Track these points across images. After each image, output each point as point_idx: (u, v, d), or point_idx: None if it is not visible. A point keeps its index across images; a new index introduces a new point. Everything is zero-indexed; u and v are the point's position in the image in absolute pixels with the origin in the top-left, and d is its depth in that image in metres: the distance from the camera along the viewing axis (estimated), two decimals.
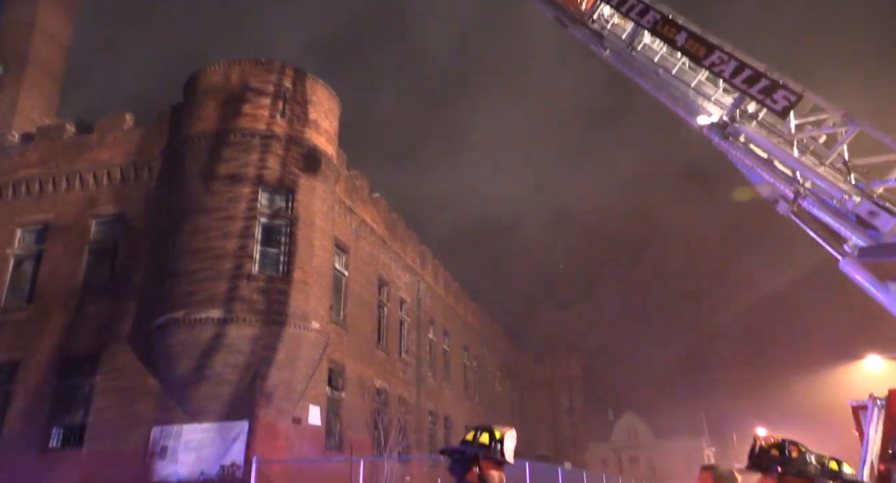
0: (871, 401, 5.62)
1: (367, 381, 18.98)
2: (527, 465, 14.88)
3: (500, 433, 3.28)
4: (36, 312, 15.57)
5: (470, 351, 31.16)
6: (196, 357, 13.31)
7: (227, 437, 13.16)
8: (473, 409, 30.12)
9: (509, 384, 37.93)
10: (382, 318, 21.37)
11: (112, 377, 14.30)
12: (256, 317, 13.64)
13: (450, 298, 29.23)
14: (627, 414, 65.70)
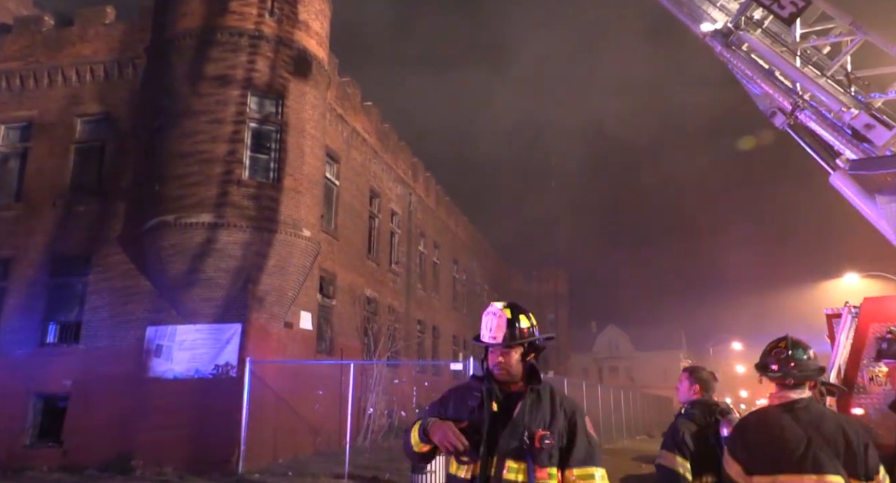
0: (847, 309, 5.81)
1: (357, 289, 19.35)
2: None
3: None
4: (25, 211, 15.53)
5: (459, 264, 31.65)
6: (188, 261, 13.44)
7: (221, 338, 13.54)
8: (461, 321, 30.99)
9: (497, 297, 38.79)
10: (373, 229, 21.50)
11: (105, 277, 14.52)
12: (247, 223, 13.66)
13: (441, 212, 29.33)
14: (610, 327, 67.94)
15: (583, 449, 2.44)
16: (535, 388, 2.51)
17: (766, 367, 2.97)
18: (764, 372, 2.98)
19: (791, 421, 2.79)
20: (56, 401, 14.07)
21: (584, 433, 2.48)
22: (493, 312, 2.58)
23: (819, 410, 2.85)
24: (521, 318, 2.57)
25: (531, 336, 2.53)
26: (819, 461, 2.68)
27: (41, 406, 14.23)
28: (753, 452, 2.79)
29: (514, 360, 2.51)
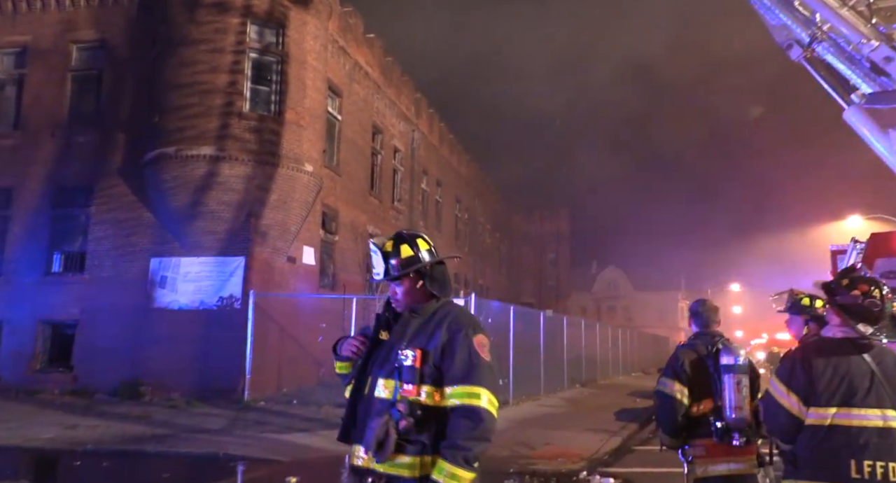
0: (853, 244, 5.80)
1: (359, 226, 19.37)
2: (511, 309, 15.72)
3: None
4: (24, 140, 15.43)
5: (462, 203, 31.56)
6: (190, 193, 13.40)
7: (225, 271, 13.67)
8: (463, 259, 31.19)
9: (498, 236, 38.95)
10: (376, 165, 21.31)
11: (107, 208, 14.56)
12: (249, 156, 13.54)
13: (444, 149, 29.00)
14: (610, 267, 68.53)
15: (461, 366, 2.34)
16: (416, 310, 2.48)
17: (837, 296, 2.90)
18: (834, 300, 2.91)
19: (857, 355, 2.79)
20: (64, 328, 14.42)
21: (466, 350, 2.36)
22: (371, 250, 2.58)
23: (879, 346, 2.85)
24: (403, 248, 2.52)
25: (413, 264, 2.48)
26: (881, 396, 2.72)
27: (50, 333, 14.59)
28: (817, 383, 2.78)
29: (403, 290, 2.52)
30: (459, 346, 2.37)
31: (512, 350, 14.85)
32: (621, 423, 12.20)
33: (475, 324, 2.45)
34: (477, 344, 2.38)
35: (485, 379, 2.34)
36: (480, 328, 2.44)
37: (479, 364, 2.36)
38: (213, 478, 7.46)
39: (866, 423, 2.69)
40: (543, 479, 7.40)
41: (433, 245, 2.60)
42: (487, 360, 2.37)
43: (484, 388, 2.33)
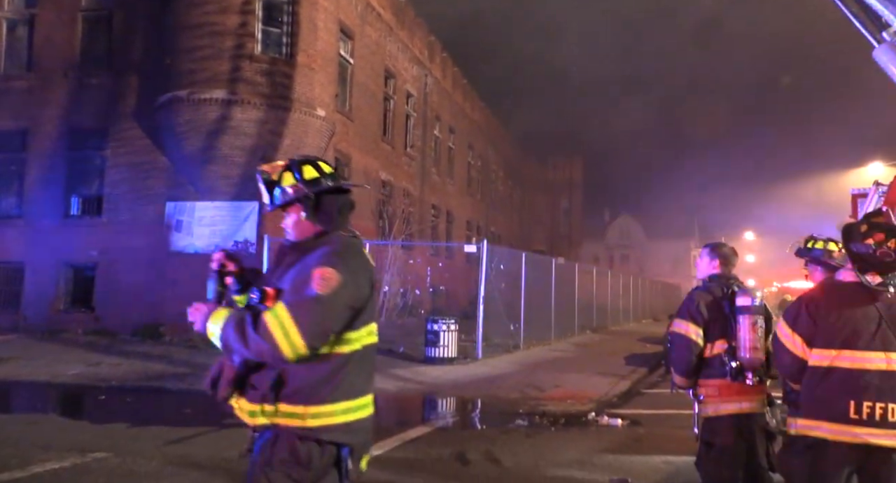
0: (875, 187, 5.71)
1: (372, 172, 19.29)
2: (523, 256, 15.78)
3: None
4: (37, 81, 15.40)
5: (475, 150, 31.25)
6: (203, 138, 13.38)
7: (239, 215, 13.77)
8: (475, 206, 31.13)
9: (511, 184, 38.72)
10: (388, 111, 21.04)
11: (122, 152, 14.64)
12: (261, 100, 13.43)
13: (457, 95, 28.51)
14: (623, 216, 68.20)
15: (288, 290, 2.11)
16: (297, 245, 2.27)
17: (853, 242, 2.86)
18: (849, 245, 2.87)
19: (867, 299, 2.80)
20: (84, 270, 14.76)
21: (302, 278, 2.09)
22: (257, 178, 2.33)
23: (893, 292, 2.83)
24: (285, 176, 2.27)
25: (298, 193, 2.23)
26: (887, 339, 2.73)
27: (71, 275, 14.94)
28: (822, 325, 2.80)
29: (290, 222, 2.30)
30: (299, 273, 2.12)
31: (524, 296, 14.98)
32: (631, 367, 12.40)
33: (336, 259, 2.12)
34: (317, 274, 2.07)
35: (294, 304, 2.04)
36: (337, 262, 2.11)
37: (303, 290, 2.06)
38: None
39: (868, 365, 2.72)
40: (553, 420, 7.59)
41: (332, 173, 2.31)
42: (318, 293, 2.04)
43: (288, 311, 2.02)
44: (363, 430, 2.20)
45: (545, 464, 5.57)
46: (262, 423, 2.14)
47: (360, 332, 2.18)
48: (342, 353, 2.13)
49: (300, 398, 2.10)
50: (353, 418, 2.15)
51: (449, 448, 6.02)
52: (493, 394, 9.15)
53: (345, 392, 2.13)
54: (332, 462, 2.15)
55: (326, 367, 2.11)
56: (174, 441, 6.03)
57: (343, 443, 2.15)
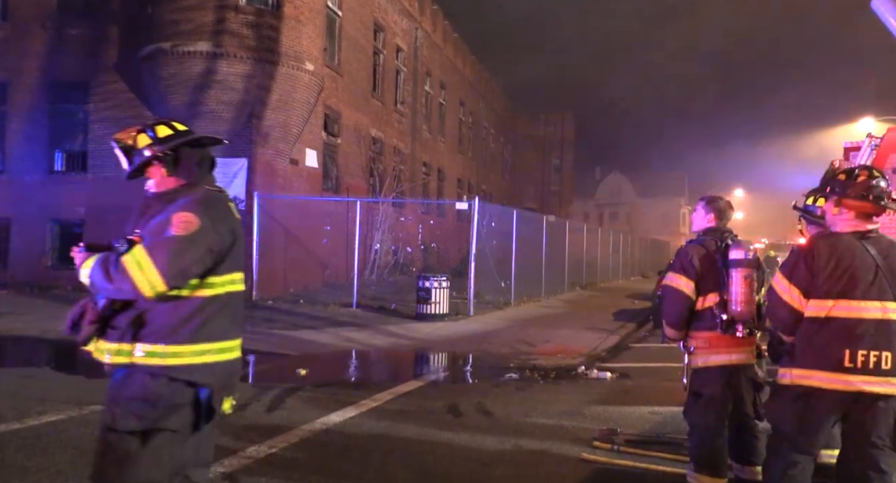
0: (868, 140, 5.69)
1: (362, 129, 19.03)
2: (514, 213, 15.78)
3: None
4: (13, 32, 14.92)
5: (466, 106, 30.84)
6: (188, 92, 13.08)
7: (228, 172, 13.57)
8: (466, 164, 30.93)
9: (502, 141, 38.41)
10: (378, 65, 20.62)
11: (105, 106, 14.31)
12: (247, 53, 13.09)
13: (448, 50, 27.95)
14: (613, 173, 68.05)
15: (147, 233, 2.23)
16: (162, 196, 2.35)
17: (847, 192, 2.89)
18: (842, 196, 2.89)
19: (863, 249, 2.83)
20: (71, 227, 14.62)
21: (161, 221, 2.20)
22: (113, 146, 2.45)
23: (888, 240, 2.89)
24: (140, 138, 2.38)
25: (155, 151, 2.34)
26: (883, 288, 2.78)
27: (58, 231, 14.82)
28: (819, 276, 2.83)
29: (154, 183, 2.40)
30: (160, 219, 2.21)
31: (515, 253, 15.05)
32: (619, 322, 12.58)
33: (196, 206, 2.22)
34: (176, 218, 2.17)
35: (152, 245, 2.14)
36: (196, 209, 2.20)
37: (162, 233, 2.16)
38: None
39: (864, 314, 2.76)
40: (543, 374, 7.72)
41: (186, 130, 2.43)
42: (175, 234, 2.14)
43: (139, 250, 2.14)
44: (225, 373, 2.27)
45: (536, 415, 5.68)
46: (122, 362, 2.21)
47: (223, 279, 2.27)
48: (203, 296, 2.22)
49: (158, 337, 2.17)
50: (213, 360, 2.22)
51: (441, 401, 6.12)
52: (484, 349, 9.28)
53: (206, 334, 2.21)
54: (188, 401, 2.21)
55: (186, 309, 2.19)
56: None
57: (202, 383, 2.20)
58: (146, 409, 2.16)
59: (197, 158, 2.42)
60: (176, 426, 2.19)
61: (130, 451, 2.15)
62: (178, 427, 2.20)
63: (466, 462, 4.41)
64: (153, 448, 2.17)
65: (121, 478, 2.15)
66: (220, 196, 2.39)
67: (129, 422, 2.15)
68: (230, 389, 2.32)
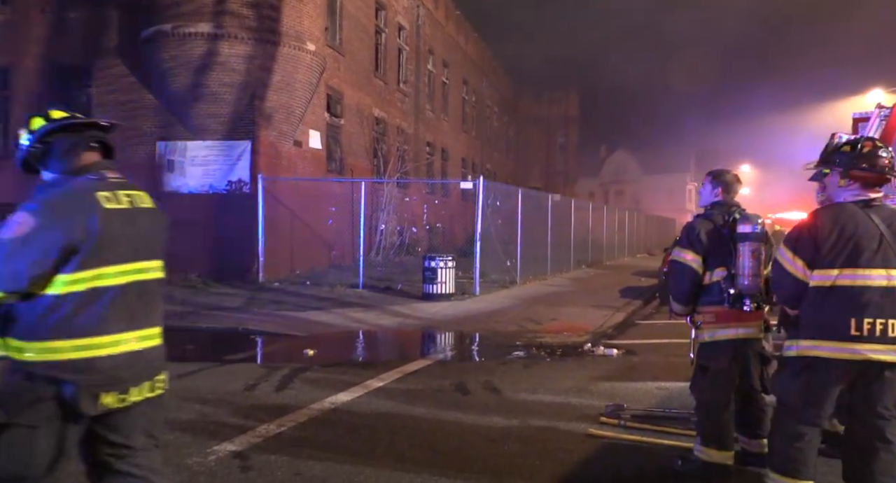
0: (877, 110, 5.62)
1: (365, 109, 18.92)
2: (518, 192, 15.73)
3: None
4: (14, 16, 14.78)
5: (469, 85, 30.58)
6: (190, 74, 13.01)
7: (232, 155, 13.57)
8: (470, 143, 30.76)
9: (506, 120, 38.14)
10: (380, 45, 20.42)
11: (108, 90, 14.22)
12: (248, 34, 12.99)
13: (450, 27, 27.64)
14: (619, 151, 67.57)
15: None
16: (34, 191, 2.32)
17: (852, 163, 2.90)
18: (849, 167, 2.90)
19: (866, 218, 2.83)
20: None
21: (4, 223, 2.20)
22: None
23: (890, 209, 2.89)
24: (21, 135, 2.38)
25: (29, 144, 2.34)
26: (888, 257, 2.78)
27: None
28: (822, 247, 2.83)
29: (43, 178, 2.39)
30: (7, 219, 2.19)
31: (520, 232, 15.03)
32: (625, 300, 12.59)
33: (38, 205, 2.20)
34: (10, 221, 2.16)
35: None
36: (39, 206, 2.18)
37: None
38: (234, 350, 7.85)
39: (870, 282, 2.76)
40: (550, 351, 7.75)
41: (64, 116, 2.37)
42: (6, 237, 2.14)
43: None
44: (94, 369, 2.18)
45: (543, 392, 5.71)
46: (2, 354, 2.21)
47: (83, 275, 2.17)
48: (59, 294, 2.15)
49: (21, 334, 2.16)
50: (78, 356, 2.16)
51: (449, 379, 6.16)
52: (490, 328, 9.31)
53: (66, 331, 2.15)
54: (49, 397, 2.16)
55: (42, 307, 2.14)
56: (179, 376, 6.14)
57: (64, 379, 2.15)
58: (6, 404, 2.16)
59: (67, 145, 2.32)
60: (32, 422, 2.16)
61: None
62: (36, 422, 2.17)
63: (475, 439, 4.45)
64: (5, 442, 2.16)
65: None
66: (83, 185, 2.26)
67: None
68: (107, 385, 2.22)
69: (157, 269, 2.41)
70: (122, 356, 2.25)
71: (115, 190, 2.30)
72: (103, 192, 2.25)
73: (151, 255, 2.39)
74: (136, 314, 2.31)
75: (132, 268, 2.29)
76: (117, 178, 2.35)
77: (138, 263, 2.32)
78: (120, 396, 2.24)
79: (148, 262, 2.37)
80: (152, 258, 2.39)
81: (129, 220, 2.30)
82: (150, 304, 2.39)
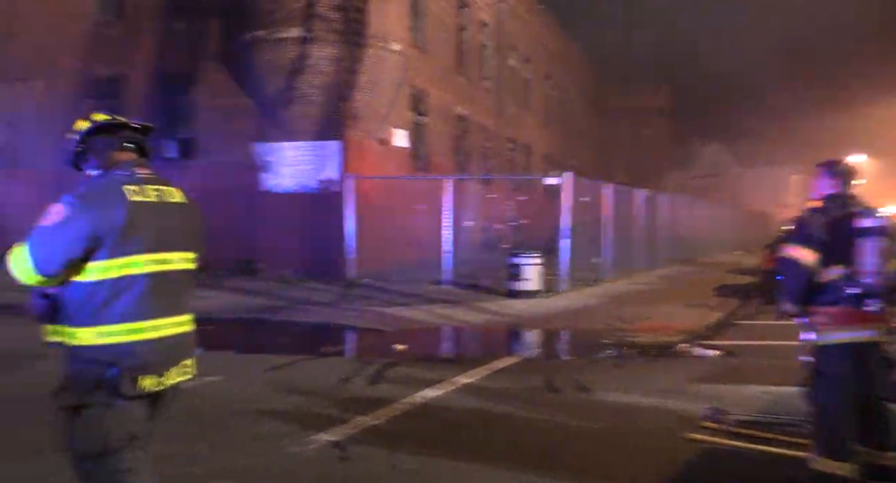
0: None
1: (448, 106, 19.03)
2: (605, 187, 15.32)
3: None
4: (126, 29, 15.87)
5: (552, 79, 30.13)
6: (282, 78, 13.55)
7: (321, 154, 14.03)
8: (553, 138, 30.32)
9: (592, 113, 37.32)
10: (462, 42, 20.47)
11: (210, 96, 15.07)
12: (336, 36, 13.39)
13: (533, 21, 27.31)
14: (713, 143, 64.39)
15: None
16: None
17: None
18: None
19: None
20: None
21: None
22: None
23: None
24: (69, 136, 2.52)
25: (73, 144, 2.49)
26: None
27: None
28: None
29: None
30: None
31: (607, 228, 14.65)
32: (722, 298, 11.99)
33: (73, 197, 2.32)
34: (48, 210, 2.31)
35: (29, 237, 2.31)
36: (72, 198, 2.31)
37: (36, 225, 2.32)
38: (327, 344, 8.09)
39: None
40: (641, 351, 7.49)
41: (106, 118, 2.52)
42: (42, 225, 2.29)
43: (22, 244, 2.30)
44: (134, 353, 2.29)
45: (637, 393, 5.53)
46: (56, 340, 2.37)
47: (112, 263, 2.29)
48: (95, 280, 2.29)
49: (70, 321, 2.32)
50: (120, 340, 2.28)
51: (537, 377, 6.08)
52: (578, 326, 9.12)
53: (107, 317, 2.28)
54: (103, 379, 2.28)
55: (82, 294, 2.29)
56: (275, 367, 6.41)
57: (109, 362, 2.27)
58: (73, 387, 2.31)
59: (106, 144, 2.49)
60: (101, 401, 2.29)
61: (71, 425, 2.33)
62: (104, 401, 2.29)
63: (568, 439, 4.36)
64: (85, 421, 2.30)
65: (69, 447, 2.35)
66: (117, 178, 2.40)
67: (63, 398, 2.33)
68: (147, 368, 2.34)
69: (186, 260, 2.51)
70: (159, 341, 2.37)
71: (144, 184, 2.42)
72: (131, 186, 2.38)
73: (181, 246, 2.50)
74: (169, 301, 2.43)
75: (160, 258, 2.40)
76: (147, 174, 2.49)
77: (166, 254, 2.42)
78: (158, 379, 2.37)
79: (177, 253, 2.47)
80: (182, 250, 2.50)
81: (156, 212, 2.42)
82: (181, 293, 2.51)
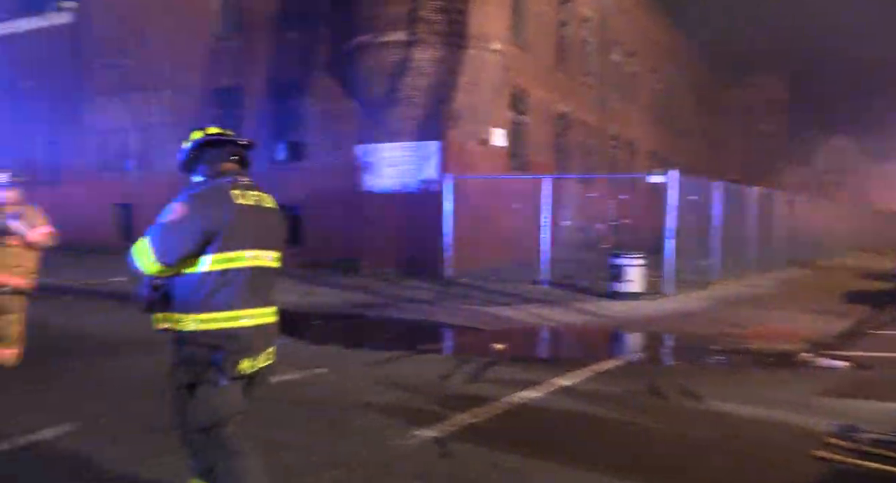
0: None
1: (549, 105, 18.74)
2: (715, 186, 14.50)
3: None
4: (245, 40, 16.86)
5: (658, 73, 28.94)
6: (385, 80, 13.86)
7: (422, 155, 14.24)
8: (659, 135, 29.13)
9: (700, 108, 35.51)
10: (564, 38, 20.08)
11: (317, 100, 15.74)
12: (438, 38, 13.54)
13: (639, 13, 26.34)
14: (837, 136, 59.40)
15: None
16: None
17: None
18: None
19: None
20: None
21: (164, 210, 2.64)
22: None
23: None
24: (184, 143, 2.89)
25: (185, 151, 2.87)
26: None
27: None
28: None
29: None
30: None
31: (717, 229, 13.88)
32: (850, 305, 11.02)
33: (189, 197, 2.62)
34: (169, 208, 2.60)
35: (150, 232, 2.60)
36: (188, 198, 2.60)
37: (158, 220, 2.61)
38: (426, 340, 8.19)
39: None
40: (756, 359, 7.01)
41: (216, 132, 2.88)
42: (163, 221, 2.58)
43: (144, 237, 2.60)
44: (233, 338, 2.57)
45: (754, 403, 5.16)
46: (165, 327, 2.67)
47: (221, 256, 2.59)
48: (204, 271, 2.59)
49: (180, 308, 2.61)
50: (219, 327, 2.56)
51: (641, 381, 5.83)
52: (685, 330, 8.69)
53: (214, 305, 2.57)
54: (210, 361, 2.56)
55: (192, 284, 2.59)
56: (378, 362, 6.56)
57: (214, 346, 2.55)
58: (186, 367, 2.59)
59: (215, 154, 2.84)
60: (213, 379, 2.56)
61: (184, 401, 2.62)
62: (216, 379, 2.56)
63: (675, 447, 4.14)
64: (199, 397, 2.59)
65: (182, 424, 2.66)
66: (223, 184, 2.71)
67: (178, 377, 2.62)
68: (244, 353, 2.61)
69: (275, 258, 2.80)
70: (255, 328, 2.66)
71: (245, 190, 2.75)
72: (236, 191, 2.70)
73: (272, 246, 2.79)
74: (261, 294, 2.73)
75: (256, 254, 2.70)
76: (248, 182, 2.82)
77: (261, 251, 2.72)
78: (252, 362, 2.65)
79: (269, 251, 2.77)
80: (272, 248, 2.79)
81: (255, 214, 2.73)
82: (270, 286, 2.81)
